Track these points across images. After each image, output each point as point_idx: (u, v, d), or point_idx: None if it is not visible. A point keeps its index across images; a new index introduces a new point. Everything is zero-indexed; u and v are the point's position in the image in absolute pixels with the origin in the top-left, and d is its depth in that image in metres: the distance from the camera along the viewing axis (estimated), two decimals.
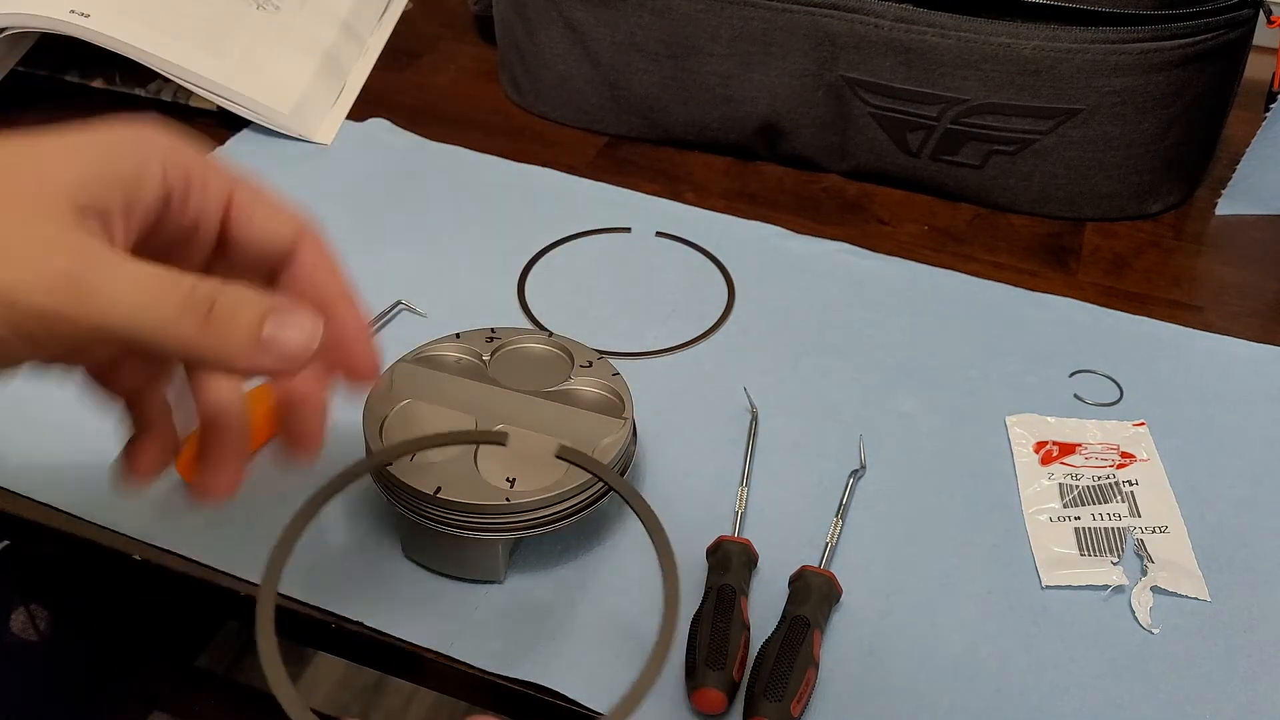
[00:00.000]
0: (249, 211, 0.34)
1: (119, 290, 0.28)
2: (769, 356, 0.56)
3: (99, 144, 0.31)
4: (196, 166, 0.33)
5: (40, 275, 0.28)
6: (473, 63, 0.84)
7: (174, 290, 0.29)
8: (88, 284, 0.28)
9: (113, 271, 0.29)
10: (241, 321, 0.29)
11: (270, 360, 0.30)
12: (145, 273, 0.29)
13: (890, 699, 0.41)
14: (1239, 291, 0.62)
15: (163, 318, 0.29)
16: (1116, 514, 0.48)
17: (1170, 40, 0.60)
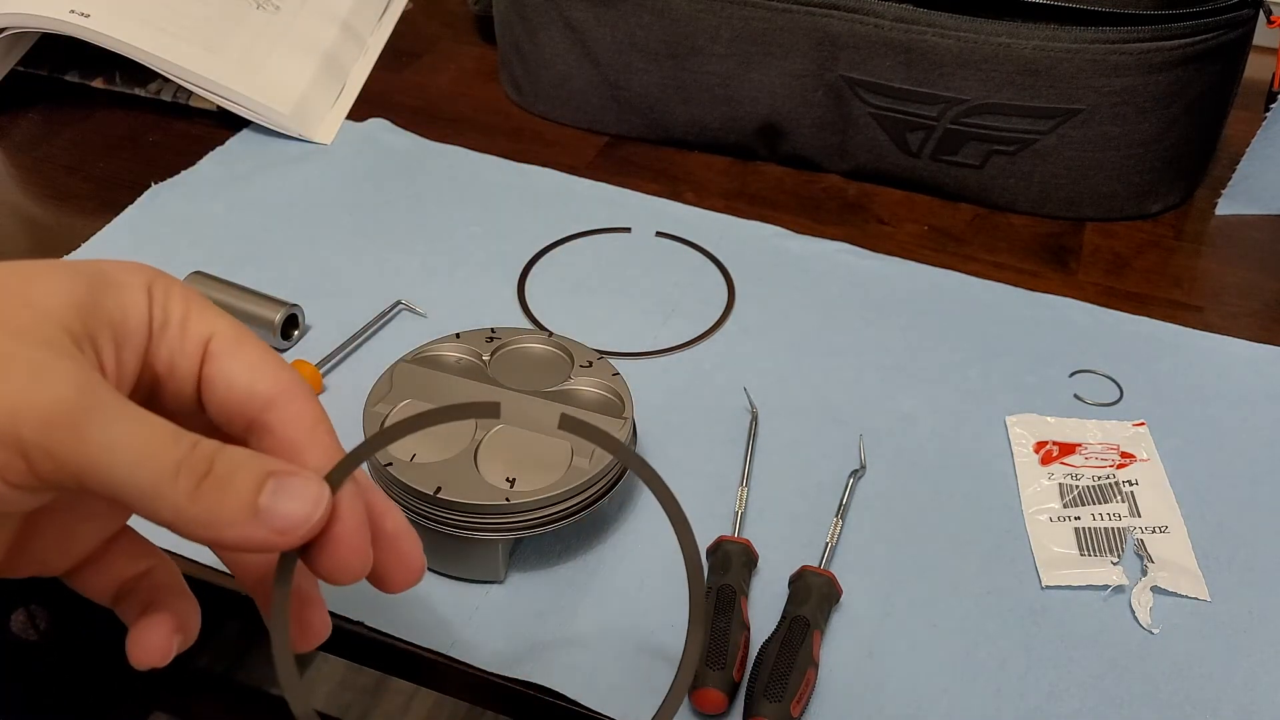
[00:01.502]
0: (226, 359, 0.30)
1: (116, 435, 0.25)
2: (769, 356, 0.56)
3: (83, 273, 0.28)
4: (177, 305, 0.30)
5: (36, 403, 0.25)
6: (473, 63, 0.84)
7: (174, 446, 0.26)
8: (85, 422, 0.25)
9: (113, 412, 0.25)
10: (238, 488, 0.26)
11: (264, 533, 0.26)
12: (146, 420, 0.26)
13: (890, 699, 0.41)
14: (1239, 291, 0.62)
15: (155, 477, 0.25)
16: (1116, 514, 0.48)
17: (1170, 40, 0.60)
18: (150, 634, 0.30)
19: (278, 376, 0.30)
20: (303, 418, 0.29)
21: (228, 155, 0.71)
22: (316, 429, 0.29)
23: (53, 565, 0.31)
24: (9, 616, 0.79)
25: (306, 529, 0.26)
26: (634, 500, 0.48)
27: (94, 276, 0.28)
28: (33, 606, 0.80)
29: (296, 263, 0.61)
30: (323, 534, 0.27)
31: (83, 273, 0.28)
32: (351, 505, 0.28)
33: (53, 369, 0.25)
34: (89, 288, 0.27)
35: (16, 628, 0.79)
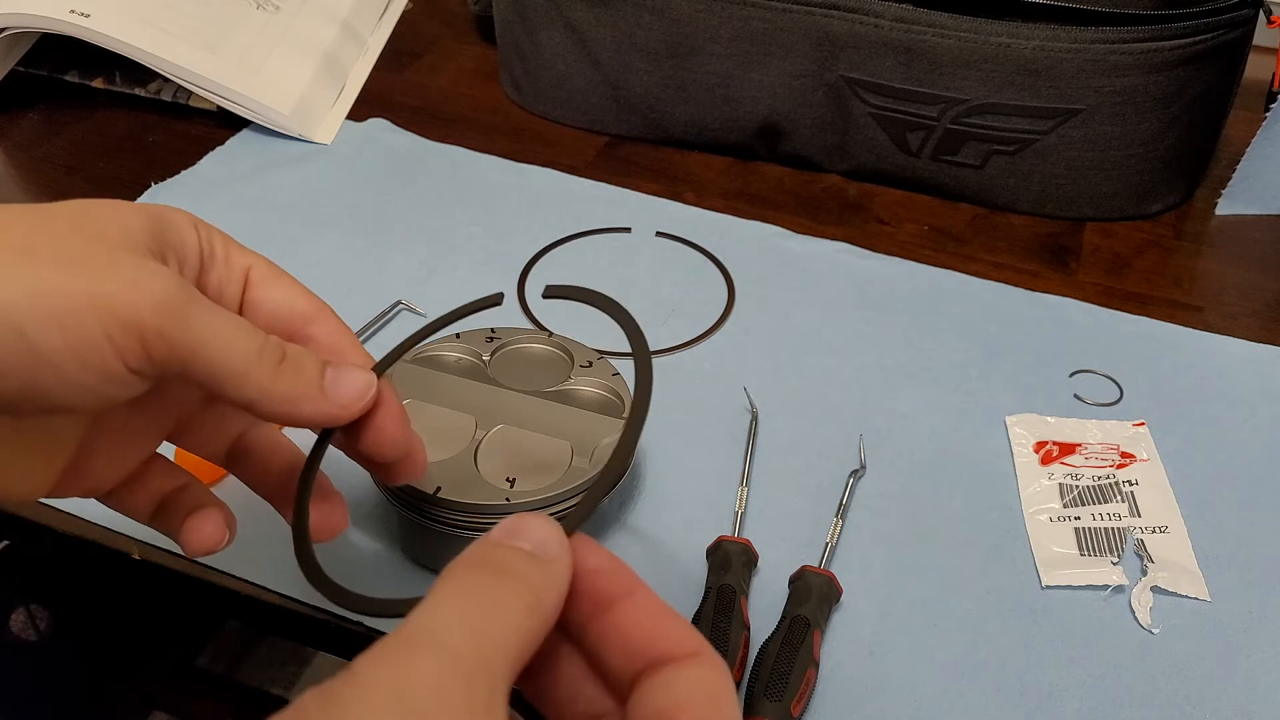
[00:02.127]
0: (268, 285, 0.35)
1: (215, 324, 0.30)
2: (769, 356, 0.56)
3: (146, 209, 0.32)
4: (219, 239, 0.34)
5: (150, 294, 0.29)
6: (473, 63, 0.84)
7: (254, 335, 0.31)
8: (188, 312, 0.29)
9: (207, 307, 0.30)
10: (308, 371, 0.32)
11: (331, 407, 0.32)
12: (230, 316, 0.31)
13: (890, 699, 0.41)
14: (1239, 291, 0.62)
15: (244, 359, 0.30)
16: (1116, 514, 0.48)
17: (1170, 40, 0.60)
18: (205, 524, 0.36)
19: (311, 297, 0.35)
20: (340, 331, 0.35)
21: (228, 155, 0.71)
22: (350, 338, 0.35)
23: (102, 483, 0.36)
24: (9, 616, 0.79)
25: (361, 404, 0.33)
26: (634, 500, 0.48)
27: (151, 210, 0.32)
28: (33, 606, 0.80)
29: (296, 262, 0.61)
30: (370, 415, 0.33)
31: (142, 208, 0.32)
32: (391, 394, 0.34)
33: (153, 268, 0.30)
34: (154, 219, 0.32)
35: (16, 628, 0.79)
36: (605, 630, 0.26)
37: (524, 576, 0.25)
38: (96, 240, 0.30)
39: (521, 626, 0.24)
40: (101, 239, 0.30)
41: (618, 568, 0.27)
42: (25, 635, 0.80)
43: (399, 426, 0.34)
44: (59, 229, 0.30)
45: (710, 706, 0.25)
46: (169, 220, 0.33)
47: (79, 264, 0.29)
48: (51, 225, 0.30)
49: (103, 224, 0.30)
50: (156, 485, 0.37)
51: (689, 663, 0.25)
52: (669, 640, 0.25)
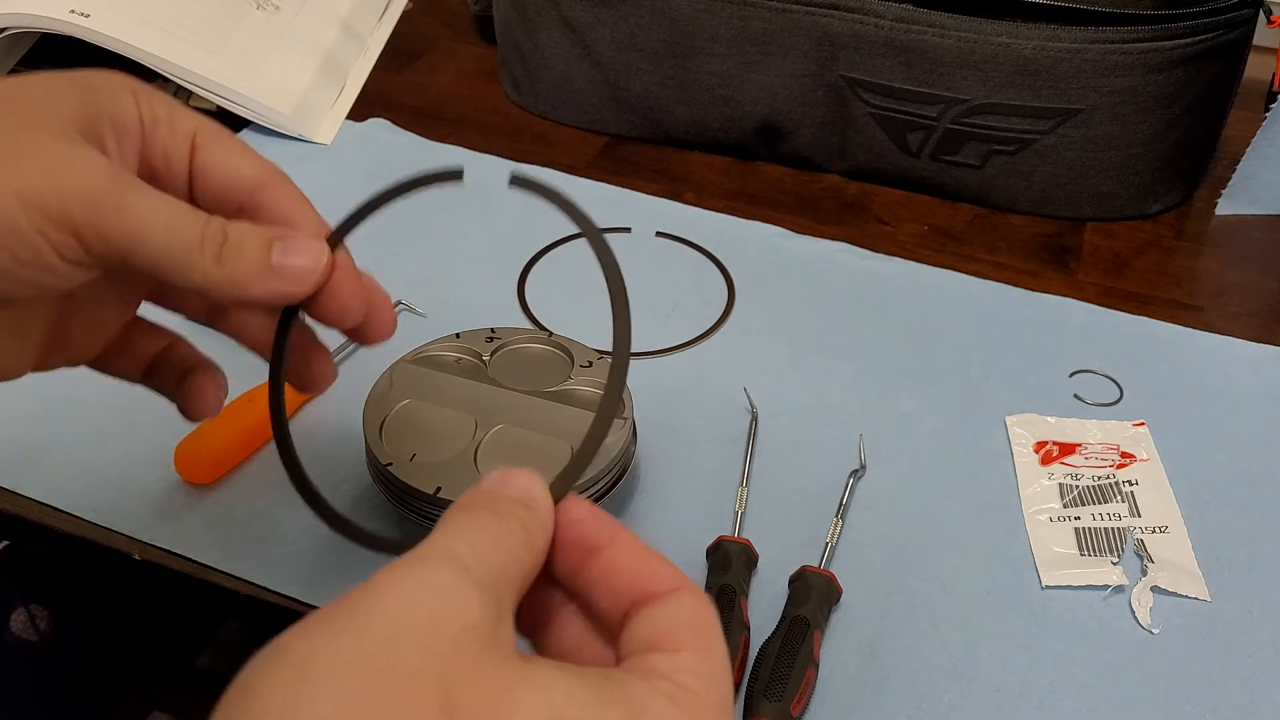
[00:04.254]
0: (215, 149, 0.33)
1: (147, 212, 0.29)
2: (769, 356, 0.56)
3: (76, 80, 0.31)
4: (161, 104, 0.33)
5: (78, 183, 0.28)
6: (473, 63, 0.84)
7: (193, 220, 0.29)
8: (120, 201, 0.28)
9: (143, 191, 0.29)
10: (252, 249, 0.30)
11: (280, 283, 0.31)
12: (169, 199, 0.29)
13: (890, 699, 0.41)
14: (1239, 291, 0.62)
15: (184, 247, 0.29)
16: (1116, 514, 0.48)
17: (1170, 40, 0.60)
18: (204, 388, 0.36)
19: (263, 162, 0.34)
20: (291, 195, 0.34)
21: None
22: (304, 204, 0.34)
23: (84, 352, 0.35)
24: (9, 616, 0.79)
25: (314, 279, 0.31)
26: (634, 500, 0.48)
27: (85, 82, 0.31)
28: (33, 606, 0.80)
29: None
30: (326, 285, 0.32)
31: (75, 80, 0.30)
32: (345, 260, 0.33)
33: (84, 156, 0.28)
34: (85, 90, 0.30)
35: (16, 628, 0.79)
36: (593, 575, 0.27)
37: (517, 516, 0.26)
38: (23, 127, 0.28)
39: (519, 558, 0.25)
40: (30, 124, 0.29)
41: (600, 517, 0.28)
42: (25, 635, 0.80)
43: (356, 291, 0.33)
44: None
45: (695, 632, 0.26)
46: (102, 90, 0.31)
47: (2, 156, 0.28)
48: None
49: (30, 106, 0.29)
50: (142, 348, 0.37)
51: (672, 596, 0.26)
52: (653, 578, 0.27)
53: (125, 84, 0.32)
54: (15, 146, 0.28)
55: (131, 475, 0.48)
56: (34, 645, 0.81)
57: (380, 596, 0.22)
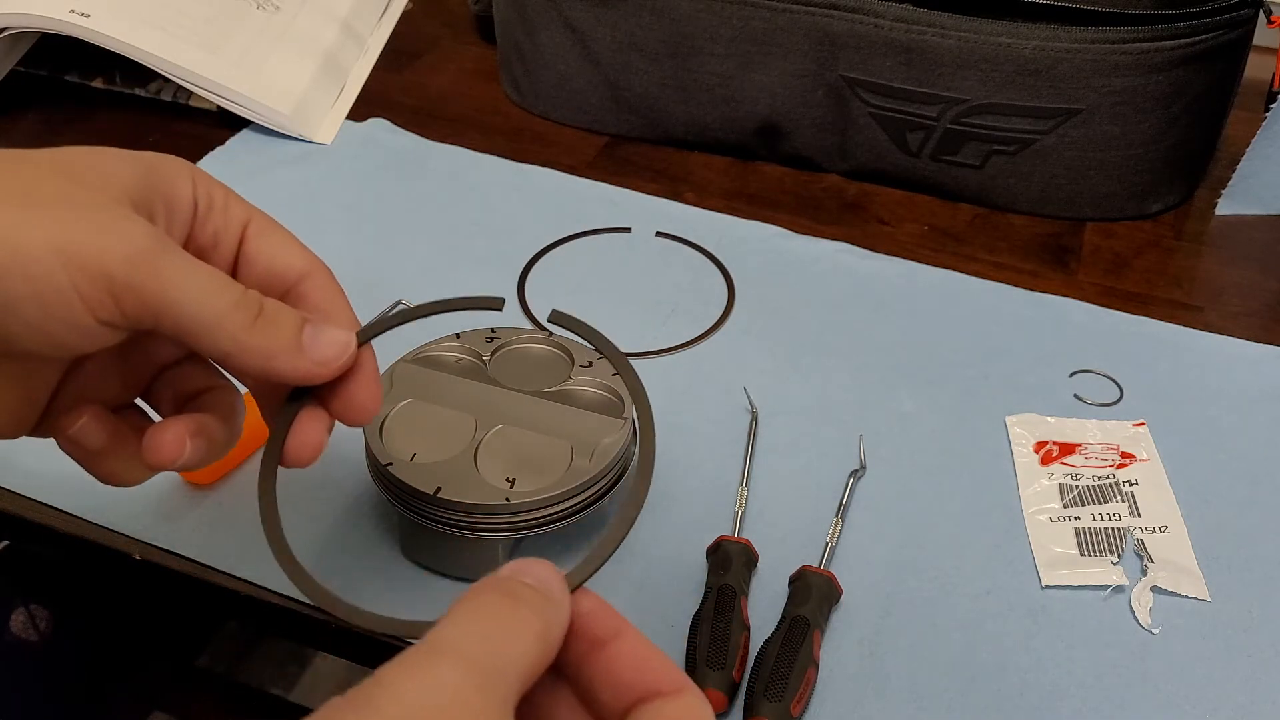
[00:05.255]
0: (265, 238, 0.35)
1: (185, 276, 0.30)
2: (769, 356, 0.56)
3: (140, 158, 0.32)
4: (219, 191, 0.34)
5: (120, 244, 0.29)
6: (473, 63, 0.84)
7: (230, 288, 0.31)
8: (160, 264, 0.29)
9: (181, 259, 0.30)
10: (285, 325, 0.32)
11: (306, 364, 0.32)
12: (206, 269, 0.30)
13: (890, 699, 0.41)
14: (1239, 291, 0.62)
15: (218, 312, 0.30)
16: (1116, 514, 0.48)
17: (1170, 40, 0.60)
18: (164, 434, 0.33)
19: (308, 254, 0.36)
20: (331, 289, 0.36)
21: (228, 155, 0.71)
22: (341, 299, 0.36)
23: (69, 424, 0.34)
24: (9, 616, 0.79)
25: (339, 365, 0.33)
26: None
27: (146, 160, 0.32)
28: (33, 606, 0.80)
29: None
30: (345, 379, 0.33)
31: (137, 158, 0.32)
32: (369, 360, 0.35)
33: (131, 219, 0.29)
34: (145, 169, 0.32)
35: (16, 628, 0.79)
36: (597, 668, 0.28)
37: (534, 606, 0.26)
38: (73, 186, 0.29)
39: (531, 650, 0.26)
40: (80, 184, 0.29)
41: (607, 610, 0.29)
42: (25, 635, 0.80)
43: (372, 392, 0.34)
44: (38, 174, 0.29)
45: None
46: (161, 170, 0.32)
47: (48, 210, 0.28)
48: (31, 170, 0.30)
49: (84, 170, 0.30)
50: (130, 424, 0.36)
51: (674, 695, 0.27)
52: (657, 676, 0.27)
53: (185, 167, 0.34)
54: (64, 206, 0.29)
55: None
56: (34, 645, 0.81)
57: (389, 693, 0.24)
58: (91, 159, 0.31)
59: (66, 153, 0.31)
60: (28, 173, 0.30)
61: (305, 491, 0.48)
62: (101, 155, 0.31)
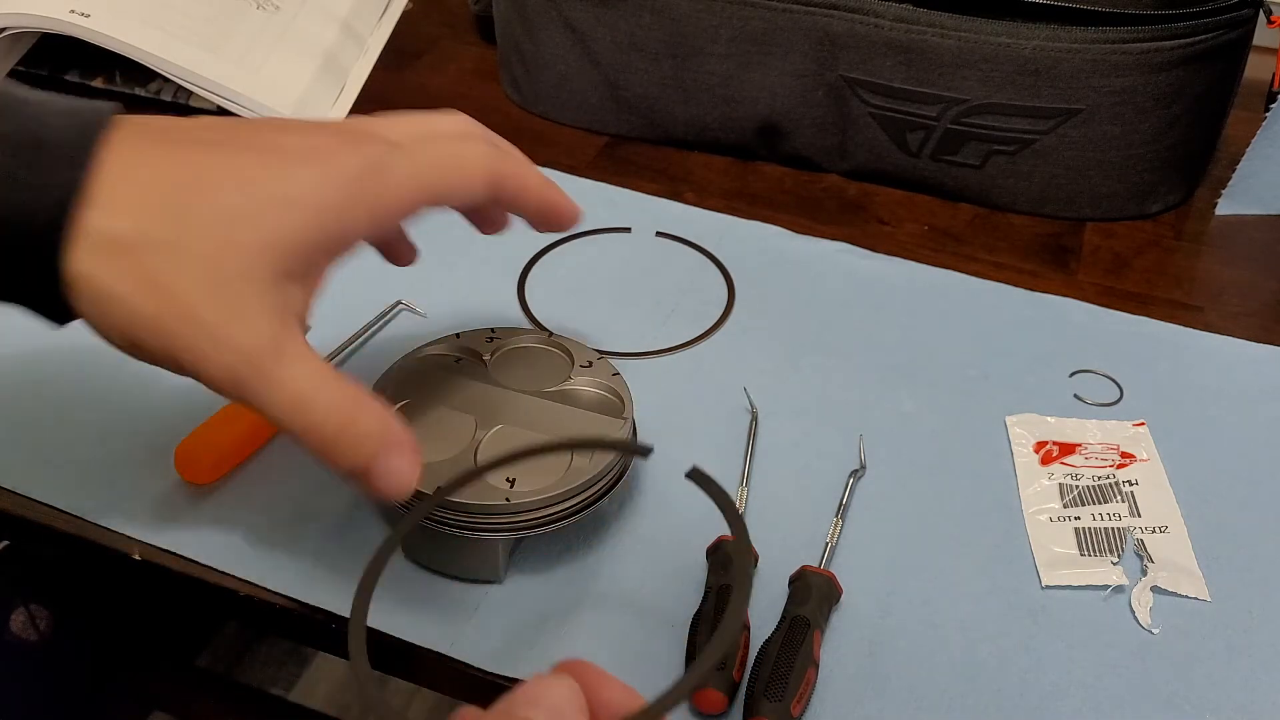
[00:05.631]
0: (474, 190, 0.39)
1: (287, 386, 0.33)
2: (769, 356, 0.56)
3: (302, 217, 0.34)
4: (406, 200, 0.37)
5: (224, 359, 0.32)
6: (473, 63, 0.84)
7: (331, 397, 0.34)
8: (263, 377, 0.33)
9: (289, 366, 0.33)
10: (366, 446, 0.34)
11: (366, 480, 0.35)
12: (314, 372, 0.34)
13: (890, 699, 0.41)
14: (1239, 291, 0.62)
15: (309, 422, 0.33)
16: (1116, 514, 0.48)
17: (1170, 40, 0.60)
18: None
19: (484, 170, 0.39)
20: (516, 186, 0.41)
21: None
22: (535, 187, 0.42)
23: None
24: (9, 616, 0.79)
25: (395, 494, 0.36)
26: (634, 500, 0.48)
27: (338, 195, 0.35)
28: (33, 606, 0.80)
29: None
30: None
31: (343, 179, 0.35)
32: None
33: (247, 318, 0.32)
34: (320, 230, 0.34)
35: (16, 628, 0.79)
36: None
37: None
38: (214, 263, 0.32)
39: None
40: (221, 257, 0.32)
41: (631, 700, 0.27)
42: (25, 635, 0.80)
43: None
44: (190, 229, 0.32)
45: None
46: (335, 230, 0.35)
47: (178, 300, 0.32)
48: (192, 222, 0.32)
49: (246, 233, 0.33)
50: None
51: None
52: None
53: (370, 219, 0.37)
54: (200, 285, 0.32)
55: (131, 475, 0.48)
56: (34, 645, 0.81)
57: None
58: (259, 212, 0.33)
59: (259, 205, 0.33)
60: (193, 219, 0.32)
61: (306, 491, 0.48)
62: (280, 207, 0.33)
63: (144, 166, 0.33)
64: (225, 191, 0.33)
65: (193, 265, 0.32)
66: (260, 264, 0.33)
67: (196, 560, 0.45)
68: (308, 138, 0.35)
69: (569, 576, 0.44)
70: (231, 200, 0.33)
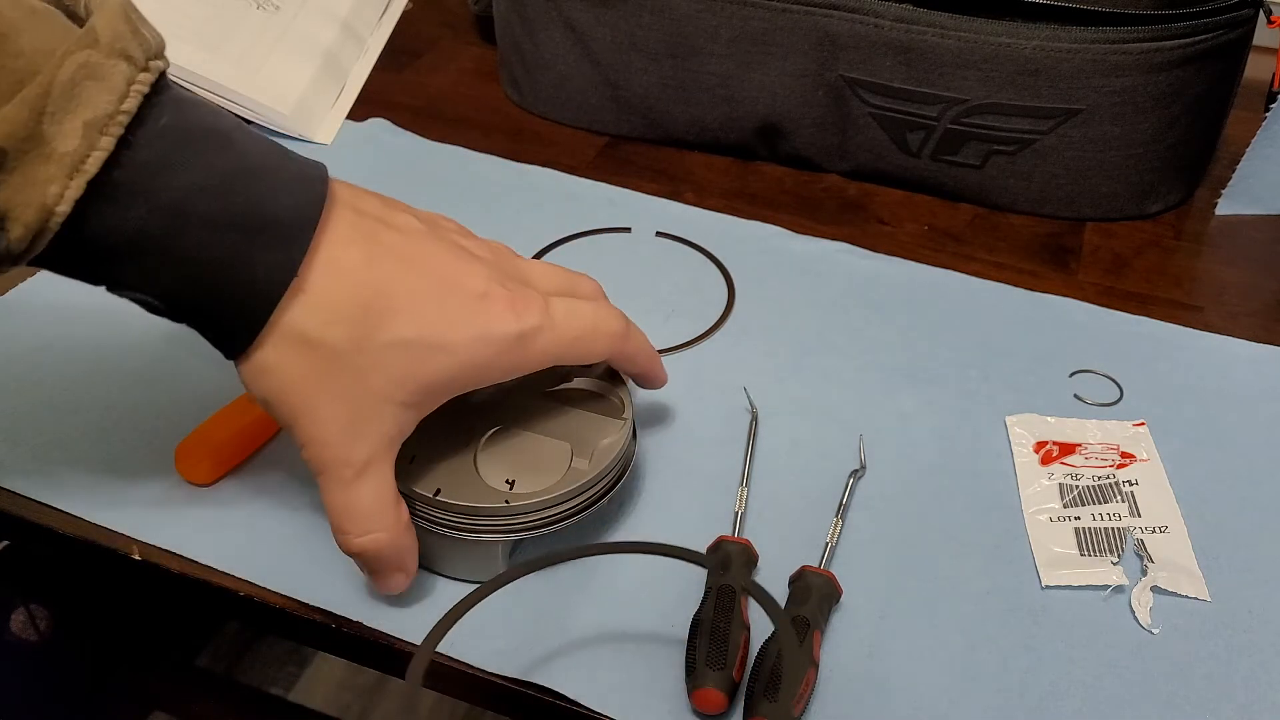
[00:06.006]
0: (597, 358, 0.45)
1: (352, 497, 0.39)
2: (769, 356, 0.56)
3: (458, 363, 0.39)
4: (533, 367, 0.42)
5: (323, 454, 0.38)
6: (473, 63, 0.84)
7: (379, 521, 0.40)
8: (338, 481, 0.39)
9: (364, 483, 0.39)
10: (379, 568, 0.41)
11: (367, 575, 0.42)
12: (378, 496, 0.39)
13: (890, 699, 0.41)
14: (1239, 291, 0.62)
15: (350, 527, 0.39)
16: (1116, 514, 0.48)
17: (1170, 40, 0.60)
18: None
19: (610, 340, 0.45)
20: (629, 353, 0.46)
21: None
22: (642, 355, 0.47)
23: None
24: (9, 616, 0.79)
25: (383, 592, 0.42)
26: (634, 500, 0.48)
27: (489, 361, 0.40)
28: (33, 606, 0.80)
29: None
30: None
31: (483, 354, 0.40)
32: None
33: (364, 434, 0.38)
34: (469, 372, 0.40)
35: (16, 628, 0.79)
36: None
37: None
38: (371, 384, 0.38)
39: None
40: (385, 381, 0.38)
41: None
42: (25, 635, 0.80)
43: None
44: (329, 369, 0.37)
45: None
46: (473, 380, 0.40)
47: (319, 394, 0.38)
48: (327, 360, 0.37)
49: (404, 372, 0.38)
50: None
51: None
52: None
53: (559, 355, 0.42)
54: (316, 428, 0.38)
55: (131, 475, 0.48)
56: (34, 645, 0.81)
57: None
58: (419, 353, 0.38)
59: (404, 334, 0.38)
60: (368, 343, 0.37)
61: (306, 491, 0.48)
62: (431, 349, 0.39)
63: (346, 275, 0.37)
64: (400, 325, 0.38)
65: (346, 376, 0.37)
66: (399, 394, 0.38)
67: (196, 560, 0.45)
68: (482, 280, 0.40)
69: (569, 576, 0.44)
70: (403, 334, 0.38)
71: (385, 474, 0.39)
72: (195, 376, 0.53)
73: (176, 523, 0.46)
